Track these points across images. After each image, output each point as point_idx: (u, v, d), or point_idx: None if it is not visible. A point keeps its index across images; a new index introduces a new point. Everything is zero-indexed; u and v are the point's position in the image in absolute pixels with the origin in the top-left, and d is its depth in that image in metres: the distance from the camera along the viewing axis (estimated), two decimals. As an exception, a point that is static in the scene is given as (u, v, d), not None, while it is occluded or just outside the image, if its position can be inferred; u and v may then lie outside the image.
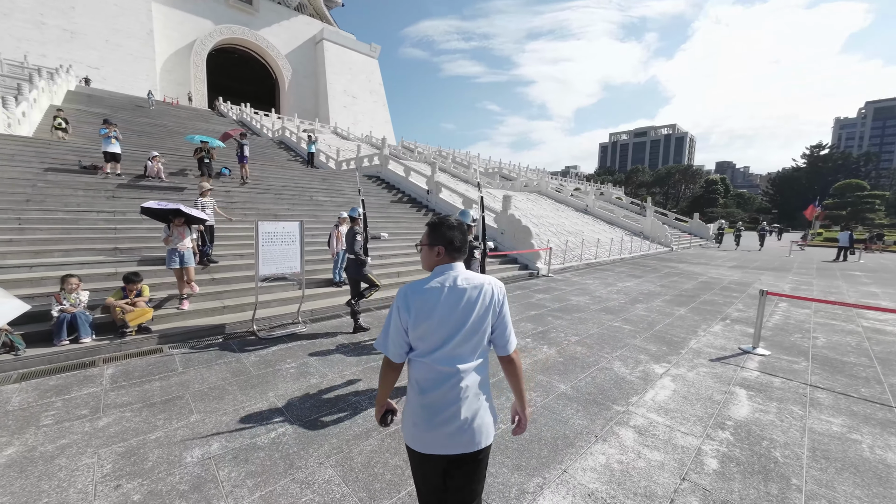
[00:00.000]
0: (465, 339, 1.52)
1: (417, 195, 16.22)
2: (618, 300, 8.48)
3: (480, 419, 1.53)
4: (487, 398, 1.60)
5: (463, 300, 1.52)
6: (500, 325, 1.59)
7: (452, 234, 1.62)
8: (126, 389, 3.89)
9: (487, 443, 1.56)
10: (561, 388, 4.11)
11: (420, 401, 1.53)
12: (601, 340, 5.73)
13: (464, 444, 1.50)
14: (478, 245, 4.17)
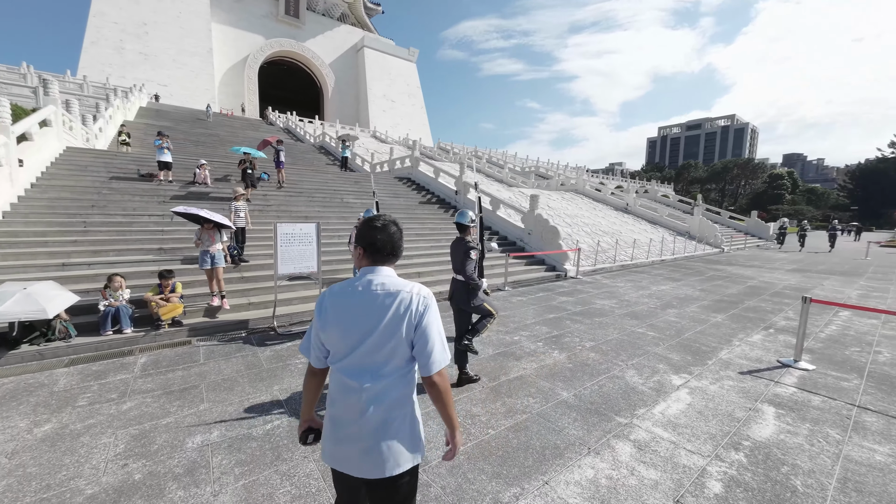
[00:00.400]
0: (372, 350, 1.39)
1: (446, 196, 16.29)
2: (647, 305, 7.97)
3: (387, 444, 1.38)
4: (405, 422, 1.42)
5: (372, 307, 1.40)
6: (419, 340, 1.39)
7: (374, 236, 1.49)
8: (152, 377, 4.28)
9: (395, 472, 1.38)
10: (562, 396, 3.94)
11: (328, 412, 1.46)
12: (618, 347, 5.42)
13: (367, 468, 1.38)
14: (474, 246, 4.08)
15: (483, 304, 4.18)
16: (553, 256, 11.72)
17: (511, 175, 31.66)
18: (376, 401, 1.38)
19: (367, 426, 1.38)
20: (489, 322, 4.29)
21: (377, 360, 1.40)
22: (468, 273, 4.00)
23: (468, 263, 4.01)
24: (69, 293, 4.90)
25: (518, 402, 3.81)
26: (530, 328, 6.27)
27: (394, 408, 1.41)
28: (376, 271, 1.49)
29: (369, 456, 1.38)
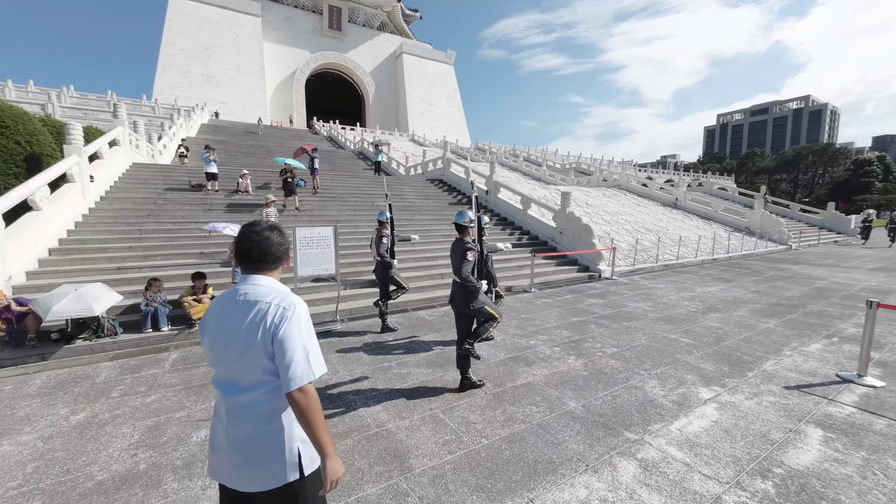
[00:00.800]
0: (233, 362, 1.35)
1: (480, 196, 16.11)
2: (686, 308, 7.29)
3: (255, 459, 1.33)
4: (276, 437, 1.35)
5: (232, 317, 1.36)
6: (277, 353, 1.30)
7: (241, 242, 1.45)
8: (179, 372, 4.62)
9: (266, 487, 1.33)
10: (569, 406, 3.68)
11: (212, 423, 1.47)
12: (644, 354, 4.99)
13: (237, 480, 1.35)
14: (472, 247, 3.92)
15: (484, 307, 4.01)
16: (586, 256, 11.14)
17: (549, 173, 30.71)
18: (241, 414, 1.34)
19: (233, 439, 1.34)
20: (492, 326, 4.12)
21: (239, 372, 1.35)
22: (464, 275, 3.87)
23: (464, 265, 3.88)
24: (114, 294, 5.44)
25: (520, 410, 3.62)
26: (549, 332, 5.97)
27: (261, 422, 1.34)
28: (247, 280, 1.45)
29: (238, 469, 1.34)
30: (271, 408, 1.34)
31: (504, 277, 9.63)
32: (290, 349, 1.29)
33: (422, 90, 68.66)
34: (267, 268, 1.47)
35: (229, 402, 1.36)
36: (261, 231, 1.46)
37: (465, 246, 3.97)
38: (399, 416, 3.54)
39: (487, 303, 4.07)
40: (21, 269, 6.24)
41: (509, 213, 14.33)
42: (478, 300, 3.97)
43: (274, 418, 1.35)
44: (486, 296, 4.11)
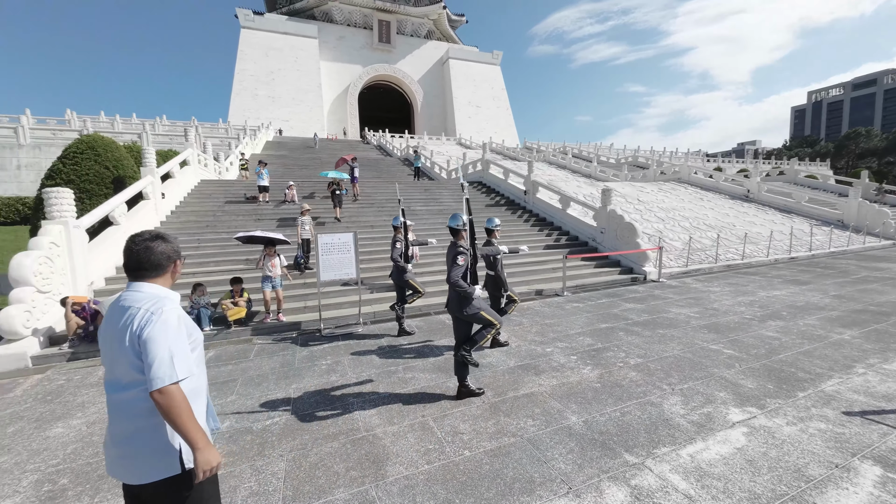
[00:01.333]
0: (113, 361, 1.45)
1: (516, 196, 15.74)
2: (740, 315, 6.43)
3: (134, 453, 1.42)
4: (154, 433, 1.42)
5: (113, 321, 1.47)
6: (143, 354, 1.38)
7: (124, 253, 1.56)
8: (212, 370, 5.06)
9: (144, 481, 1.41)
10: (570, 421, 3.41)
11: None
12: (673, 366, 4.47)
13: (120, 472, 1.46)
14: (463, 251, 3.78)
15: (479, 312, 3.87)
16: (629, 257, 10.32)
17: (601, 169, 29.08)
18: (122, 410, 1.43)
19: (116, 434, 1.45)
20: (490, 332, 3.96)
21: (118, 371, 1.44)
22: (452, 279, 3.75)
23: (454, 269, 3.77)
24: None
25: (514, 422, 3.43)
26: (571, 339, 5.61)
27: (140, 418, 1.42)
28: (130, 286, 1.54)
29: (120, 462, 1.45)
30: (150, 405, 1.40)
31: (535, 280, 9.27)
32: (153, 351, 1.36)
33: (468, 93, 68.89)
34: (147, 275, 1.55)
35: (112, 398, 1.45)
36: (142, 241, 1.54)
37: (456, 250, 3.87)
38: (390, 422, 3.54)
39: (483, 308, 3.92)
40: (101, 275, 7.32)
41: (548, 212, 13.78)
42: (472, 305, 3.84)
43: (153, 414, 1.41)
44: (483, 301, 3.97)
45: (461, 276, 3.79)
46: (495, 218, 5.62)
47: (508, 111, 72.60)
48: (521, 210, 14.58)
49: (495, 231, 5.52)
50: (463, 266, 3.80)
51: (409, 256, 6.20)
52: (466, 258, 3.83)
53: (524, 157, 39.52)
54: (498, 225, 5.59)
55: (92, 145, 10.01)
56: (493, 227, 5.51)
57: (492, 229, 5.51)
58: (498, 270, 5.32)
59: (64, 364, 5.40)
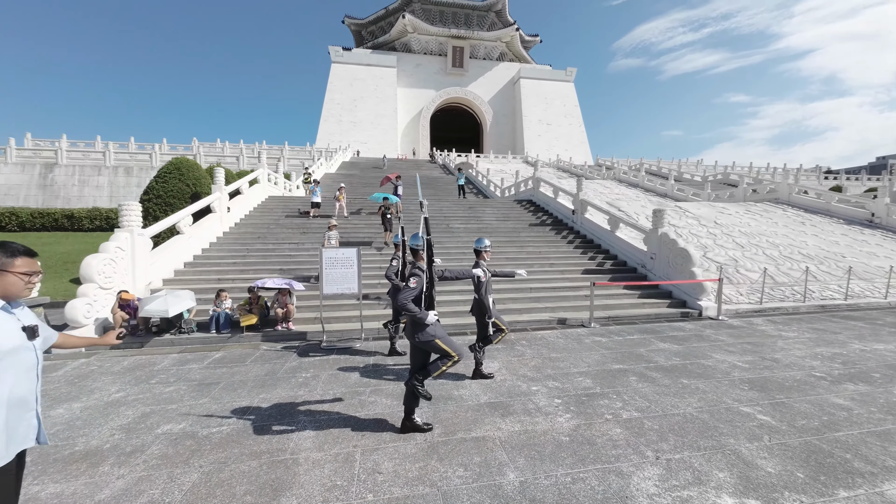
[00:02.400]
0: None
1: (564, 216, 14.79)
2: (808, 371, 5.05)
3: None
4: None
5: None
6: None
7: None
8: (208, 370, 5.46)
9: None
10: (505, 479, 2.91)
11: None
12: (674, 427, 3.62)
13: None
14: (417, 273, 3.51)
15: (434, 340, 3.56)
16: (682, 287, 8.91)
17: (678, 188, 26.18)
18: None
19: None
20: (445, 364, 3.61)
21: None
22: (400, 301, 3.53)
23: (404, 290, 3.54)
24: (191, 301, 6.86)
25: (442, 469, 3.04)
26: (568, 379, 4.92)
27: None
28: None
29: None
30: None
31: (564, 308, 8.46)
32: None
33: (539, 111, 67.96)
34: None
35: None
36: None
37: (411, 271, 3.65)
38: (320, 447, 3.39)
39: (440, 336, 3.61)
40: (160, 277, 8.49)
41: (596, 234, 12.65)
42: (425, 332, 3.56)
43: None
44: (440, 328, 3.66)
45: (413, 299, 3.55)
46: (485, 239, 5.23)
47: (581, 128, 69.82)
48: (566, 230, 13.63)
49: (483, 252, 5.11)
50: (415, 288, 3.56)
51: (405, 275, 6.08)
52: (420, 281, 3.59)
53: (592, 174, 37.37)
54: (487, 246, 5.16)
55: (178, 166, 11.86)
56: (482, 248, 5.12)
57: (479, 250, 5.13)
58: (482, 295, 4.92)
59: (107, 352, 6.28)
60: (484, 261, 5.08)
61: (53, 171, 26.54)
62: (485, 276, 4.93)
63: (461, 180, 20.29)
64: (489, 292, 4.98)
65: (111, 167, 26.91)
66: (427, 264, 3.66)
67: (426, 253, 3.66)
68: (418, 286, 3.56)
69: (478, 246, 5.13)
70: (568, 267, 10.58)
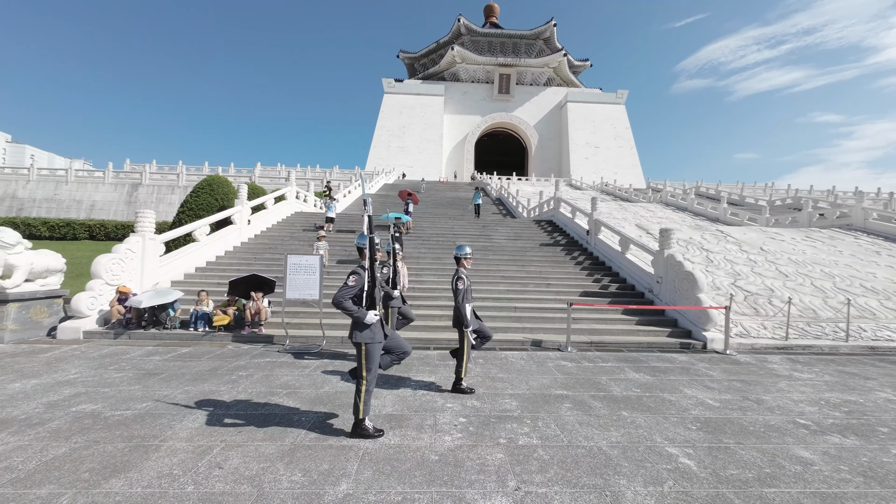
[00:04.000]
0: None
1: (579, 237, 14.02)
2: (794, 418, 4.17)
3: None
4: None
5: None
6: None
7: None
8: (164, 362, 5.81)
9: None
10: (324, 490, 2.71)
11: None
12: (564, 461, 3.14)
13: None
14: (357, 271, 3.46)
15: (363, 345, 3.45)
16: (687, 315, 7.92)
17: (731, 212, 23.86)
18: None
19: None
20: (362, 385, 3.45)
21: None
22: (335, 298, 3.47)
23: (341, 288, 3.50)
24: (175, 295, 7.45)
25: (281, 473, 2.91)
26: (495, 399, 4.53)
27: None
28: None
29: None
30: None
31: (550, 329, 7.89)
32: None
33: (586, 134, 66.40)
34: None
35: None
36: None
37: (353, 269, 3.67)
38: (189, 439, 3.42)
39: (368, 343, 3.46)
40: (170, 278, 9.35)
41: (608, 255, 11.80)
42: (360, 333, 3.46)
43: None
44: (378, 333, 3.50)
45: (351, 297, 3.48)
46: (466, 246, 5.11)
47: (632, 150, 66.81)
48: (579, 251, 12.87)
49: (463, 260, 4.98)
50: (353, 287, 3.50)
51: (395, 283, 6.05)
52: (359, 279, 3.53)
53: (637, 197, 35.26)
54: (468, 254, 5.03)
55: (210, 183, 13.23)
56: (461, 256, 4.99)
57: (459, 257, 5.01)
58: (459, 303, 4.72)
59: (99, 340, 6.99)
60: (464, 269, 4.94)
61: (138, 190, 30.92)
62: (464, 285, 4.75)
63: (477, 200, 20.15)
64: (467, 301, 4.78)
65: (182, 187, 30.66)
66: (370, 264, 3.58)
67: (369, 252, 3.57)
68: (357, 284, 3.52)
69: (458, 253, 5.01)
70: (566, 288, 9.92)
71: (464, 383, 4.78)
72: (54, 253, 7.80)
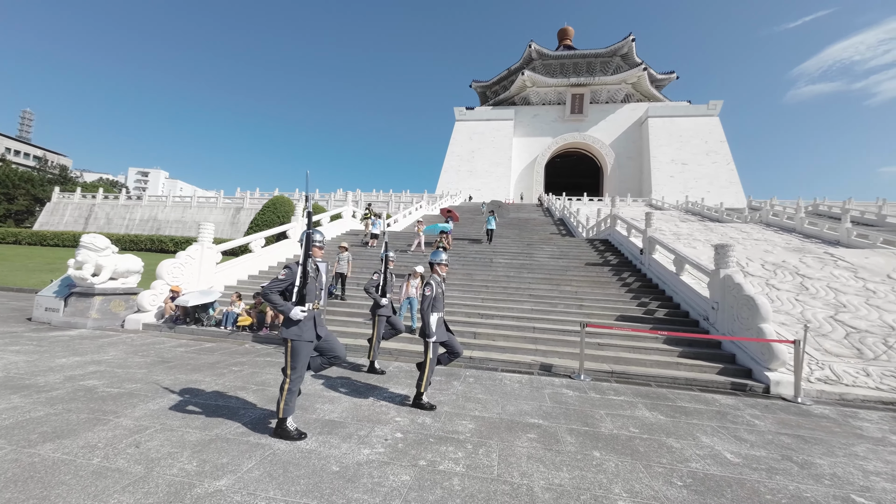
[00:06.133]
0: None
1: (634, 256, 12.50)
2: (844, 490, 2.99)
3: None
4: None
5: None
6: None
7: None
8: (184, 354, 6.45)
9: None
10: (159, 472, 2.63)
11: None
12: (456, 496, 2.63)
13: None
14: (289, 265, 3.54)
15: (288, 341, 3.43)
16: (749, 351, 6.40)
17: (857, 233, 19.39)
18: None
19: None
20: (285, 384, 3.41)
21: None
22: (264, 290, 3.51)
23: (271, 281, 3.56)
24: (214, 296, 8.33)
25: (176, 459, 2.93)
26: (454, 420, 4.08)
27: None
28: None
29: None
30: None
31: (563, 354, 7.03)
32: None
33: (671, 151, 60.56)
34: None
35: None
36: None
37: (285, 264, 3.80)
38: (137, 420, 3.67)
39: (295, 340, 3.42)
40: (223, 283, 10.56)
41: (662, 276, 10.27)
42: (288, 330, 3.45)
43: None
44: (303, 332, 3.44)
45: (279, 290, 3.53)
46: (442, 253, 4.94)
47: (730, 165, 58.83)
48: (630, 272, 11.45)
49: (436, 265, 4.80)
50: (283, 280, 3.53)
51: (385, 291, 6.09)
52: (290, 274, 3.55)
53: (729, 217, 30.62)
54: (442, 260, 4.82)
55: (275, 203, 14.92)
56: (436, 262, 4.80)
57: (432, 263, 4.86)
58: (423, 310, 4.48)
59: (152, 332, 8.08)
60: (438, 276, 4.77)
61: (240, 214, 36.23)
62: (431, 291, 4.54)
63: (490, 224, 16.61)
64: (436, 310, 4.51)
65: (272, 210, 35.02)
66: (303, 259, 3.58)
67: (304, 248, 3.59)
68: (287, 279, 3.53)
69: (432, 259, 4.86)
70: (601, 311, 8.81)
71: (424, 398, 4.41)
72: (135, 257, 9.37)
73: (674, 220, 29.54)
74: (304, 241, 3.54)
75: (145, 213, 38.55)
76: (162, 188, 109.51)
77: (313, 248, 3.66)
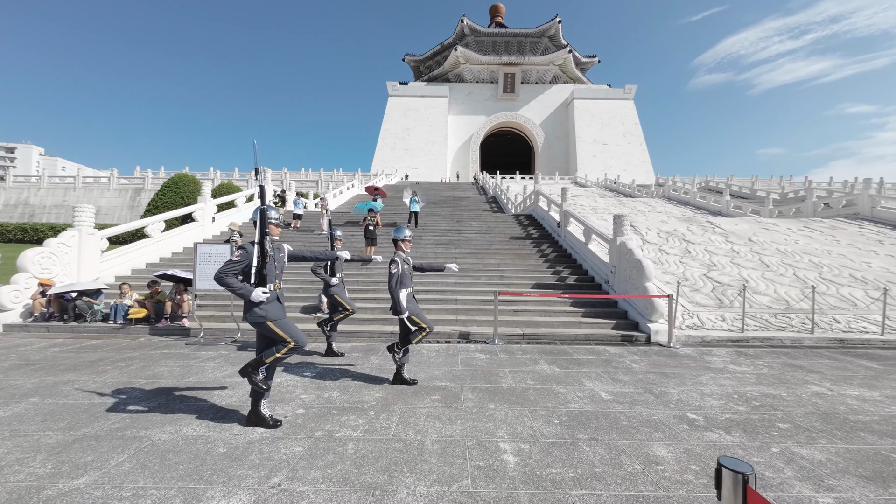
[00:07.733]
0: None
1: (552, 230, 13.43)
2: (681, 411, 3.64)
3: None
4: None
5: None
6: None
7: None
8: (64, 353, 5.63)
9: None
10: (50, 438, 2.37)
11: None
12: (338, 450, 2.72)
13: None
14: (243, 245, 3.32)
15: (266, 322, 3.19)
16: (635, 306, 7.32)
17: (734, 204, 22.80)
18: None
19: None
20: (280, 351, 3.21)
21: None
22: (218, 273, 3.18)
23: (225, 264, 3.24)
24: (99, 287, 7.33)
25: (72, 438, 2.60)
26: (358, 392, 4.12)
27: None
28: None
29: None
30: None
31: (481, 322, 7.41)
32: None
33: (593, 132, 65.03)
34: None
35: None
36: None
37: (240, 245, 3.39)
38: (19, 420, 3.16)
39: (272, 318, 3.20)
40: (113, 273, 9.31)
41: (574, 247, 11.20)
42: (253, 312, 3.19)
43: None
44: (276, 311, 3.25)
45: (234, 272, 3.20)
46: (405, 229, 4.70)
47: (642, 146, 64.97)
48: (548, 244, 12.29)
49: (400, 242, 4.59)
50: (238, 262, 3.23)
51: (334, 270, 5.79)
52: (245, 255, 3.25)
53: (640, 193, 34.12)
54: (406, 236, 4.62)
55: (176, 181, 13.29)
56: (400, 238, 4.59)
57: (396, 240, 4.63)
58: (391, 287, 4.32)
59: (17, 333, 6.91)
60: (402, 252, 4.58)
61: (140, 196, 31.77)
62: (397, 269, 4.36)
63: (414, 207, 15.59)
64: (403, 286, 4.39)
65: (182, 191, 31.27)
66: (259, 239, 3.27)
67: (259, 227, 3.28)
68: (242, 260, 3.24)
69: (395, 235, 4.63)
70: (519, 280, 9.40)
71: (406, 375, 4.40)
72: (-12, 247, 7.81)
73: (594, 196, 32.10)
74: (259, 219, 3.24)
75: (12, 197, 32.13)
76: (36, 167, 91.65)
77: (269, 226, 3.36)
